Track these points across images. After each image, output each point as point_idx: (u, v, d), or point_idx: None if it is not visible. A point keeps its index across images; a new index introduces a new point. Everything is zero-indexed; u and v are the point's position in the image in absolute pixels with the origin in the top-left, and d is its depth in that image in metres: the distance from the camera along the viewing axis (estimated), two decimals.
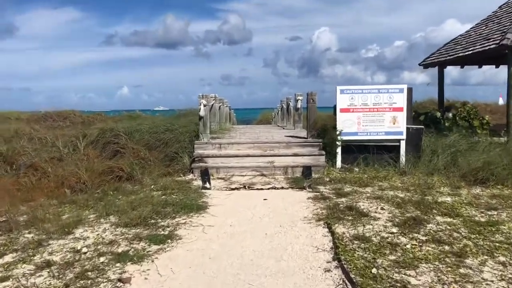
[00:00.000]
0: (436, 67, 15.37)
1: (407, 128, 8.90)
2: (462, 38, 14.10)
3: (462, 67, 15.55)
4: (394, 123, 8.84)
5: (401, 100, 8.81)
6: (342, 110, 8.82)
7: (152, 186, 7.21)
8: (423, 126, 9.25)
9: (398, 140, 8.89)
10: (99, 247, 4.50)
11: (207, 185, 7.32)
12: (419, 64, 15.78)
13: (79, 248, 4.48)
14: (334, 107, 9.01)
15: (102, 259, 4.15)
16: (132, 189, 7.30)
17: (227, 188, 7.26)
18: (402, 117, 8.84)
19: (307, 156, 8.42)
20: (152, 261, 4.09)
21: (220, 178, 7.97)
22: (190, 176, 8.17)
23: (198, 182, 7.67)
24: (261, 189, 7.14)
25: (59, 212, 6.14)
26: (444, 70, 15.29)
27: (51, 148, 10.71)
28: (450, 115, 12.33)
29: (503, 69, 12.78)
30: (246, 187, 7.33)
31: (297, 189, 7.05)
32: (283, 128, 13.16)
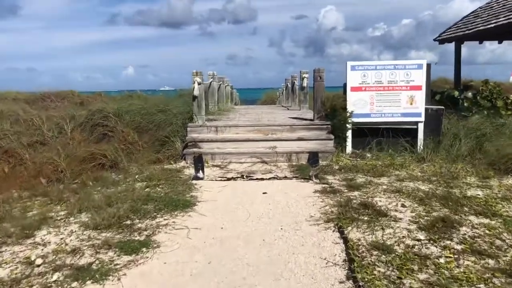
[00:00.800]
0: (453, 43, 14.28)
1: (426, 109, 7.94)
2: (482, 11, 12.95)
3: (480, 42, 14.41)
4: (411, 103, 7.87)
5: (420, 78, 7.82)
6: (353, 89, 7.85)
7: (137, 176, 6.34)
8: (443, 107, 8.28)
9: (416, 123, 7.94)
10: (58, 256, 3.66)
11: (200, 174, 6.45)
12: (434, 40, 14.66)
13: (33, 258, 3.64)
14: (344, 86, 8.04)
15: (56, 276, 3.31)
16: (115, 179, 6.45)
17: (222, 177, 6.39)
18: (420, 96, 7.87)
19: (314, 140, 7.51)
20: (119, 279, 3.24)
21: (216, 166, 7.10)
22: (182, 163, 7.30)
23: (190, 171, 6.80)
24: (261, 179, 6.26)
25: (26, 208, 5.31)
26: (461, 46, 14.20)
27: (35, 131, 9.89)
28: (470, 94, 11.31)
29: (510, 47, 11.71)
30: (244, 176, 6.45)
31: (302, 179, 6.16)
32: (288, 109, 12.21)
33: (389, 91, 7.85)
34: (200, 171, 6.60)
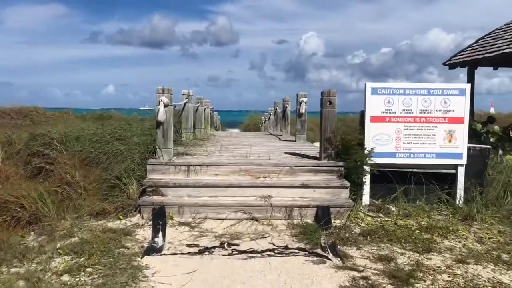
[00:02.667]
0: (466, 68, 12.59)
1: (467, 149, 6.00)
2: (503, 32, 11.31)
3: (495, 68, 12.75)
4: (449, 141, 5.91)
5: (461, 107, 5.89)
6: (374, 119, 5.86)
7: (59, 246, 4.12)
8: (489, 146, 6.35)
9: (455, 166, 5.99)
10: None
11: (159, 241, 4.31)
12: (444, 64, 12.95)
13: None
14: (361, 115, 6.05)
15: None
16: (28, 245, 4.23)
17: (191, 247, 4.24)
18: (461, 131, 5.92)
19: (323, 188, 5.43)
20: None
21: (184, 224, 4.94)
22: (136, 218, 5.12)
23: (145, 233, 4.64)
24: (251, 252, 4.12)
25: None
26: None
27: None
28: (496, 127, 9.51)
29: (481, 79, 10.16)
30: (225, 245, 4.32)
31: (314, 255, 4.06)
32: (279, 139, 10.14)
33: (421, 123, 5.89)
34: (160, 236, 4.46)
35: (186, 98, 8.35)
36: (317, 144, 8.65)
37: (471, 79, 12.17)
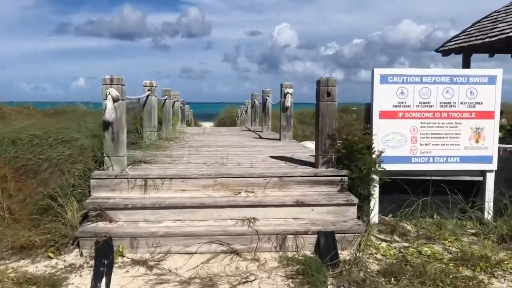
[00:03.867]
0: (461, 55, 11.55)
1: (498, 150, 4.85)
2: (503, 15, 10.27)
3: (491, 55, 11.76)
4: (477, 141, 4.74)
5: (491, 98, 4.72)
6: (384, 115, 4.63)
7: None
8: None
9: (482, 172, 4.84)
10: None
11: None
12: (437, 51, 11.86)
13: None
14: (367, 109, 4.80)
15: None
16: None
17: None
18: (491, 129, 4.77)
19: (323, 206, 4.16)
20: None
21: (139, 263, 3.59)
22: (72, 255, 3.73)
23: (83, 280, 3.29)
24: None
25: None
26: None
27: None
28: (504, 121, 8.47)
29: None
30: None
31: None
32: (260, 136, 8.80)
33: (442, 119, 4.70)
34: (103, 284, 3.11)
35: (149, 90, 6.93)
36: (308, 144, 7.38)
37: (466, 67, 11.13)
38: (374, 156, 4.54)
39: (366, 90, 4.54)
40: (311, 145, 6.66)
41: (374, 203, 4.66)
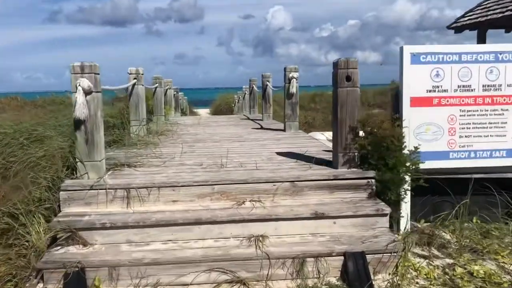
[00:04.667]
0: (476, 31, 10.73)
1: None
2: None
3: (508, 31, 10.90)
4: None
5: None
6: (416, 102, 3.82)
7: None
8: None
9: None
10: None
11: None
12: (449, 27, 11.03)
13: None
14: (395, 95, 3.98)
15: None
16: None
17: None
18: None
19: (348, 218, 3.37)
20: None
21: None
22: None
23: None
24: None
25: None
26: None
27: None
28: None
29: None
30: None
31: None
32: (261, 126, 7.94)
33: (485, 105, 3.89)
34: None
35: (135, 79, 6.08)
36: (318, 136, 6.57)
37: (482, 43, 10.29)
38: (406, 152, 3.74)
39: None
40: (321, 136, 5.89)
41: (405, 208, 3.88)
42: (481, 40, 10.30)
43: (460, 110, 3.87)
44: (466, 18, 10.29)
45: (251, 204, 3.50)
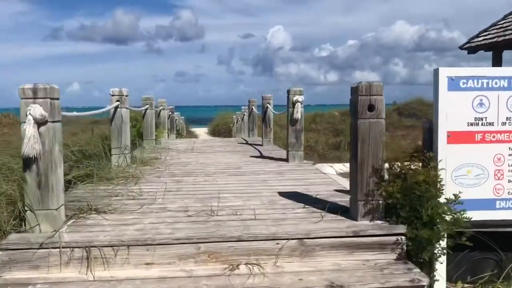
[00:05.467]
0: (491, 52, 10.06)
1: None
2: None
3: None
4: None
5: None
6: (455, 138, 3.07)
7: None
8: None
9: None
10: None
11: None
12: (462, 48, 10.37)
13: None
14: (429, 128, 3.22)
15: None
16: None
17: None
18: None
19: None
20: None
21: None
22: None
23: None
24: None
25: None
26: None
27: None
28: None
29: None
30: None
31: None
32: (261, 154, 7.13)
33: None
34: None
35: (117, 101, 5.34)
36: (327, 169, 5.78)
37: (498, 64, 9.65)
38: (443, 200, 2.97)
39: None
40: (329, 169, 5.12)
41: (440, 269, 3.10)
42: (497, 61, 9.63)
43: (510, 148, 3.12)
44: (480, 38, 9.64)
45: (247, 269, 2.70)
